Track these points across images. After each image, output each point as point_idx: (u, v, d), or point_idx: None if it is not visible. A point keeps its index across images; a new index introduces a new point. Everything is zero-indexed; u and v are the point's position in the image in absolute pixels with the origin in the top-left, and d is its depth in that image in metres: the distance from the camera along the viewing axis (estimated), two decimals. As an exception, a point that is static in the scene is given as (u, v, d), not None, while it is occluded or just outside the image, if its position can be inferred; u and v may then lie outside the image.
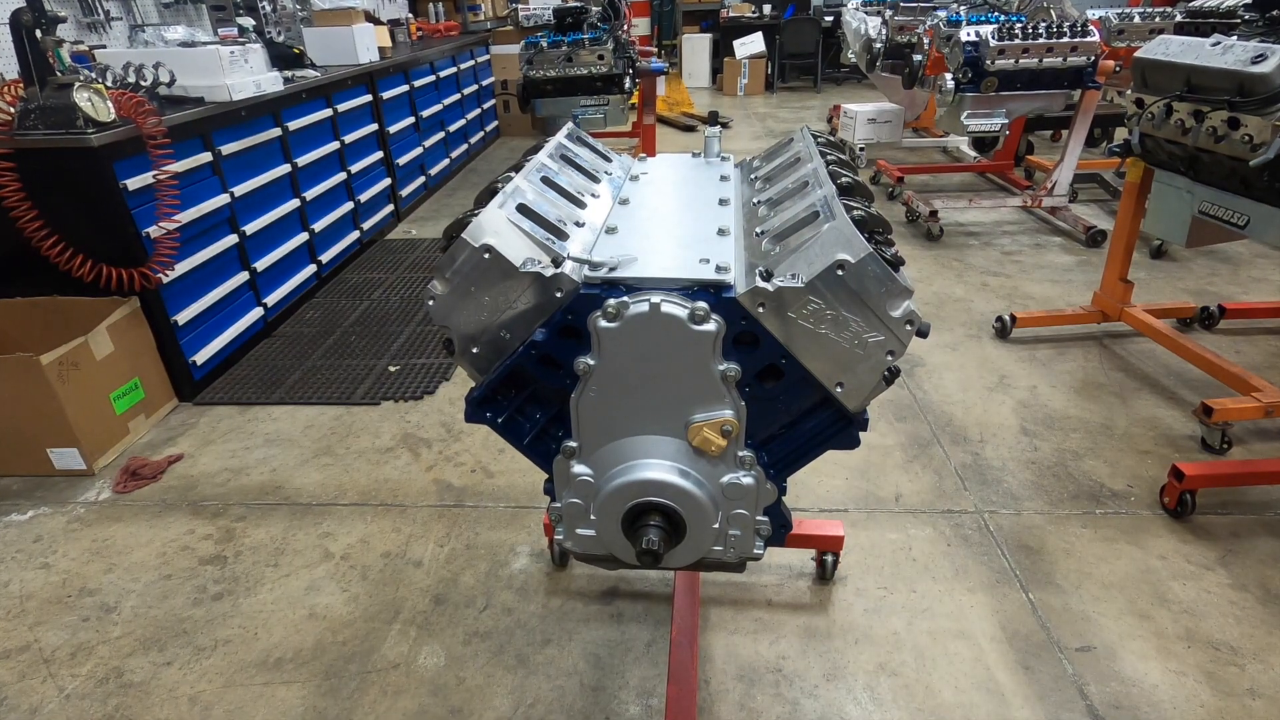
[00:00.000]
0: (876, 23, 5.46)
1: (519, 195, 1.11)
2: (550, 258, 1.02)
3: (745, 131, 7.88)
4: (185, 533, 2.33)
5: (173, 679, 1.83)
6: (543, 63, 3.95)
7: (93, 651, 1.91)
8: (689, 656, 1.69)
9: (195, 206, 3.03)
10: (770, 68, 10.43)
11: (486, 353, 1.08)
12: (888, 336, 0.99)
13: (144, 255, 2.77)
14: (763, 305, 0.97)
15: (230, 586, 2.11)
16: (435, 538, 2.27)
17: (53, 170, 2.60)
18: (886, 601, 1.99)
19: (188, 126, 2.97)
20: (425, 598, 2.05)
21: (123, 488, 2.53)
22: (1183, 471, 2.17)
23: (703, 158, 1.57)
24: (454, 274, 1.03)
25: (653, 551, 1.08)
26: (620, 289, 1.00)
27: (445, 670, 1.84)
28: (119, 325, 2.72)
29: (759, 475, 1.10)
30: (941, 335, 3.35)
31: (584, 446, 1.11)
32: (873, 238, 0.98)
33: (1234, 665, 1.78)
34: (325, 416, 2.93)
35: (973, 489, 2.41)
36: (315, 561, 2.19)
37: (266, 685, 1.80)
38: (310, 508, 2.42)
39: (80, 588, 2.12)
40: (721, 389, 1.03)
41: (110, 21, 4.40)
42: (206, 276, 3.16)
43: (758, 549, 1.17)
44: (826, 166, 1.22)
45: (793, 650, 1.86)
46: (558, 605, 2.01)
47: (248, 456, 2.70)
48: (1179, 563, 2.08)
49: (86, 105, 2.55)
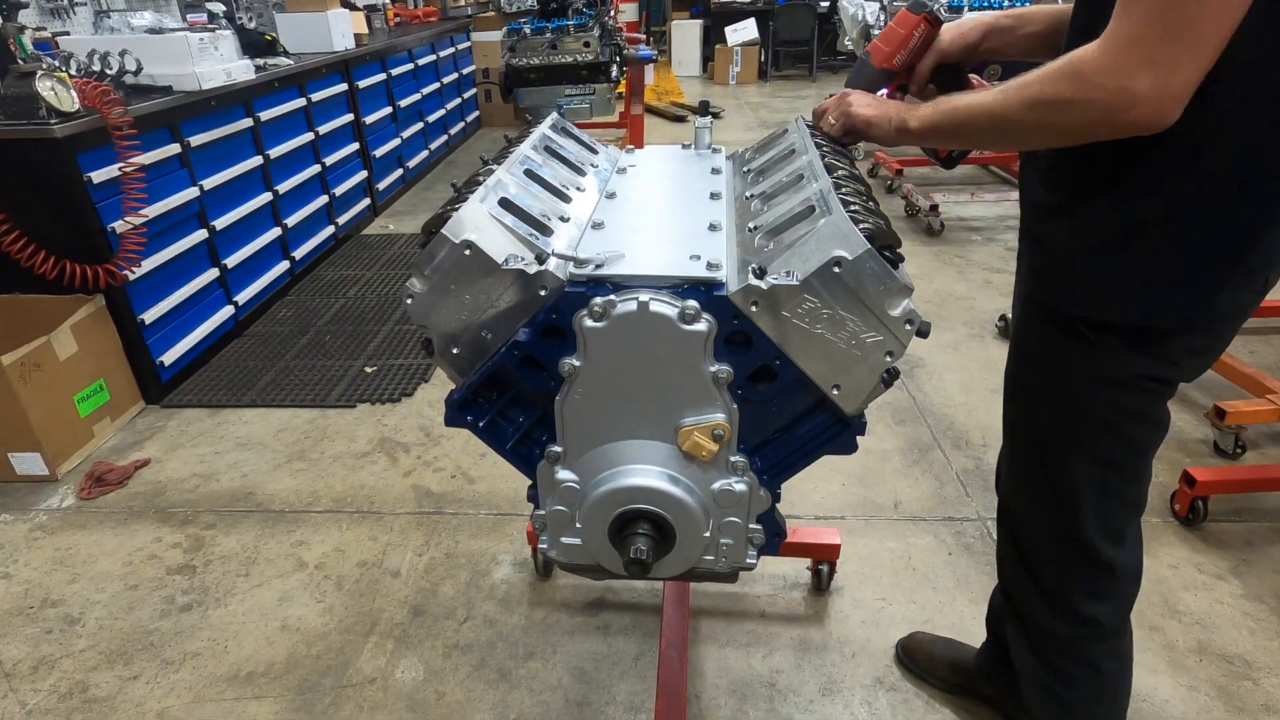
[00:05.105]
0: (874, 8, 5.35)
1: (501, 189, 1.08)
2: (534, 254, 0.99)
3: (738, 122, 7.81)
4: (152, 541, 2.27)
5: (139, 694, 1.79)
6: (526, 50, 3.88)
7: (56, 665, 1.87)
8: (679, 670, 1.65)
9: (163, 200, 2.97)
10: (764, 55, 10.26)
11: (467, 353, 1.05)
12: (886, 336, 0.96)
13: (109, 251, 2.71)
14: (756, 304, 0.94)
15: (199, 597, 2.06)
16: (414, 546, 2.23)
17: (14, 162, 2.54)
18: (885, 613, 1.96)
19: (155, 116, 2.91)
20: (403, 609, 2.01)
21: (87, 494, 2.48)
22: (1194, 477, 2.14)
23: (693, 149, 1.53)
24: (433, 271, 1.00)
25: (641, 561, 1.05)
26: (607, 287, 0.97)
27: (424, 685, 1.80)
28: (83, 324, 2.66)
29: (752, 481, 1.08)
30: (942, 335, 3.31)
31: (569, 451, 1.08)
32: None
33: (1248, 679, 1.75)
34: (299, 420, 2.88)
35: (975, 495, 2.37)
36: (288, 571, 2.14)
37: (237, 700, 1.76)
38: (283, 515, 2.37)
39: (43, 599, 2.06)
40: (713, 391, 1.00)
41: (74, 7, 4.29)
42: (174, 273, 3.09)
43: (750, 558, 1.15)
44: (822, 159, 1.18)
45: (787, 664, 1.83)
46: (541, 617, 1.98)
47: (218, 461, 2.64)
48: (1190, 572, 2.05)
49: (49, 95, 2.49)
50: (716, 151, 1.51)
